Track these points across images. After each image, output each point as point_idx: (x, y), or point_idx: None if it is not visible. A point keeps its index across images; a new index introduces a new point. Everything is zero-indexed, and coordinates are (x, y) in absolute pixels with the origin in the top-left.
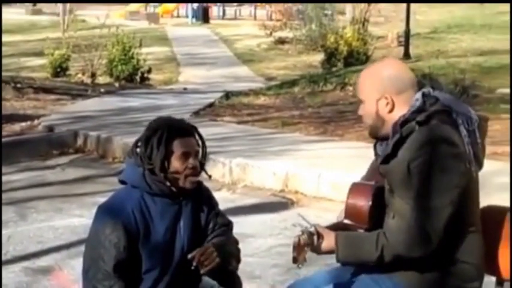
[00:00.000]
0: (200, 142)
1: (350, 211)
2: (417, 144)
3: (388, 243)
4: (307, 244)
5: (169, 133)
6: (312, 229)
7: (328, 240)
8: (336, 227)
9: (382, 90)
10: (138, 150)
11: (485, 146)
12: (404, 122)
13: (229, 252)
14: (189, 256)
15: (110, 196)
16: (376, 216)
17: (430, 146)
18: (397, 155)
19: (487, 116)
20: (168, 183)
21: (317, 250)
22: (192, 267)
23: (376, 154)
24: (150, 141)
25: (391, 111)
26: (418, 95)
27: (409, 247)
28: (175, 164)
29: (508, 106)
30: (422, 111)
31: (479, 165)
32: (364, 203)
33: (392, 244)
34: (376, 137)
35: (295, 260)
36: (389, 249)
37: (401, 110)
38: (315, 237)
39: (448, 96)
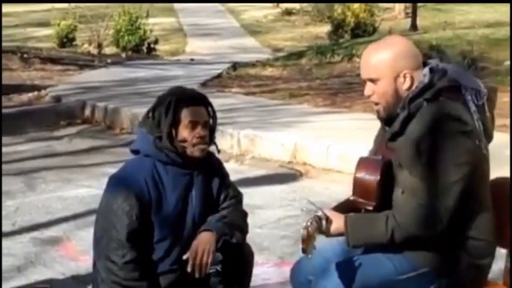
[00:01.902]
0: (211, 112)
1: (358, 186)
2: (426, 122)
3: (398, 224)
4: (315, 229)
5: (178, 102)
6: (320, 213)
7: (337, 224)
8: (343, 206)
9: (401, 66)
10: (149, 119)
11: (495, 117)
12: (412, 99)
13: (230, 224)
14: (184, 257)
15: (121, 166)
16: (384, 192)
17: (439, 124)
18: (405, 132)
19: (495, 87)
20: (176, 151)
21: (326, 234)
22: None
23: (383, 126)
24: (159, 109)
25: (409, 88)
26: (426, 70)
27: (420, 227)
28: (183, 132)
29: None
30: (430, 87)
31: (489, 138)
32: (372, 178)
33: (403, 225)
34: (389, 118)
35: (304, 251)
36: (400, 231)
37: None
38: (324, 222)
39: (456, 68)
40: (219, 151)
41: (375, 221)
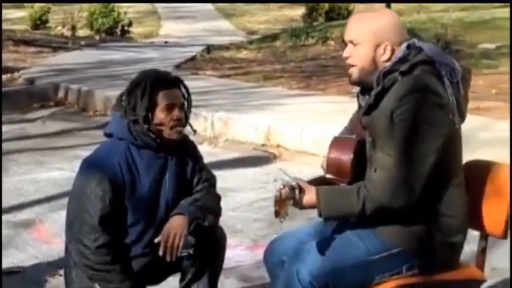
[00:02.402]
0: (186, 94)
1: (332, 165)
2: (400, 94)
3: (369, 193)
4: (288, 198)
5: (153, 85)
6: (294, 183)
7: (310, 195)
8: (317, 182)
9: (384, 37)
10: (123, 102)
11: (469, 97)
12: (386, 72)
13: (203, 208)
14: (156, 240)
15: (95, 149)
16: (358, 170)
17: (413, 95)
18: (379, 105)
19: (470, 68)
20: (152, 135)
21: (299, 204)
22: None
23: (359, 105)
24: (134, 92)
25: (388, 60)
26: (403, 46)
27: (392, 196)
28: (160, 115)
29: (490, 61)
30: (405, 62)
31: (462, 117)
32: (345, 157)
33: (374, 194)
34: (359, 83)
35: (277, 214)
36: (371, 200)
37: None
38: (297, 191)
39: (433, 47)
40: (194, 131)
41: (346, 191)
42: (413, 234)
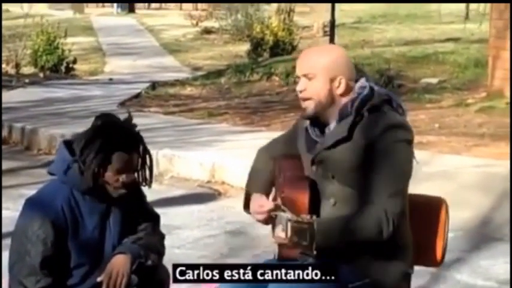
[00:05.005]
0: (147, 158)
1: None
2: (378, 129)
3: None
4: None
5: (113, 144)
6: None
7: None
8: None
9: (338, 71)
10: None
11: None
12: (358, 106)
13: (146, 247)
14: (98, 279)
15: (38, 189)
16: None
17: (391, 131)
18: (352, 138)
19: None
20: (94, 188)
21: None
22: None
23: (309, 139)
24: (89, 147)
25: (343, 94)
26: (364, 83)
27: (368, 232)
28: (109, 174)
29: (432, 96)
30: (372, 97)
31: None
32: (302, 194)
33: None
34: (315, 116)
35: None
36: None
37: (349, 96)
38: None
39: (380, 87)
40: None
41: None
42: (379, 263)
